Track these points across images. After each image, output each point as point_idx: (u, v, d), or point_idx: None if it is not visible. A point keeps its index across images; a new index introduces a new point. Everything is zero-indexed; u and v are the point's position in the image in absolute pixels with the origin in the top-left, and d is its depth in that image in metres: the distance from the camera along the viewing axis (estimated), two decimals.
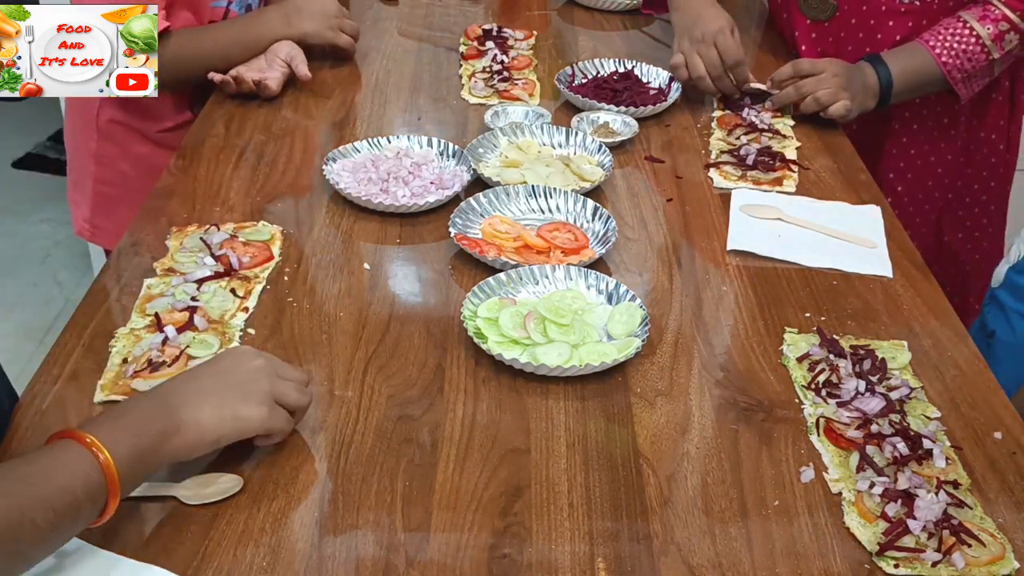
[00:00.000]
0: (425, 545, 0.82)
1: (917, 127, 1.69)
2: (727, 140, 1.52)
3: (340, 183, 1.30)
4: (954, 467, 0.92)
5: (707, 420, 0.98)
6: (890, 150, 1.72)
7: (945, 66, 1.53)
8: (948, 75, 1.54)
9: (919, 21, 1.61)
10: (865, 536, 0.85)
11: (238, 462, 0.89)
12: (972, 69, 1.53)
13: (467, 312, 1.06)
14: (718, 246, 1.27)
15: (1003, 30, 1.51)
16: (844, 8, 1.66)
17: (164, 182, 1.34)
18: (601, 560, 0.82)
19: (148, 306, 1.07)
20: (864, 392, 1.00)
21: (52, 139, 3.51)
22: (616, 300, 1.12)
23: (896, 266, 1.24)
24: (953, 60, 1.53)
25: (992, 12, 1.51)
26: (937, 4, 1.60)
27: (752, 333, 1.11)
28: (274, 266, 1.17)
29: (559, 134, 1.46)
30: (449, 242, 1.21)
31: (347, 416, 0.96)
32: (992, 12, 1.51)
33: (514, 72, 1.71)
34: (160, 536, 0.82)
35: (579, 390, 1.01)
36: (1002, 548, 0.84)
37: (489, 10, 2.03)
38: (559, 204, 1.30)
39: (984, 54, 1.52)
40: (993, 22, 1.51)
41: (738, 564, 0.83)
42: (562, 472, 0.90)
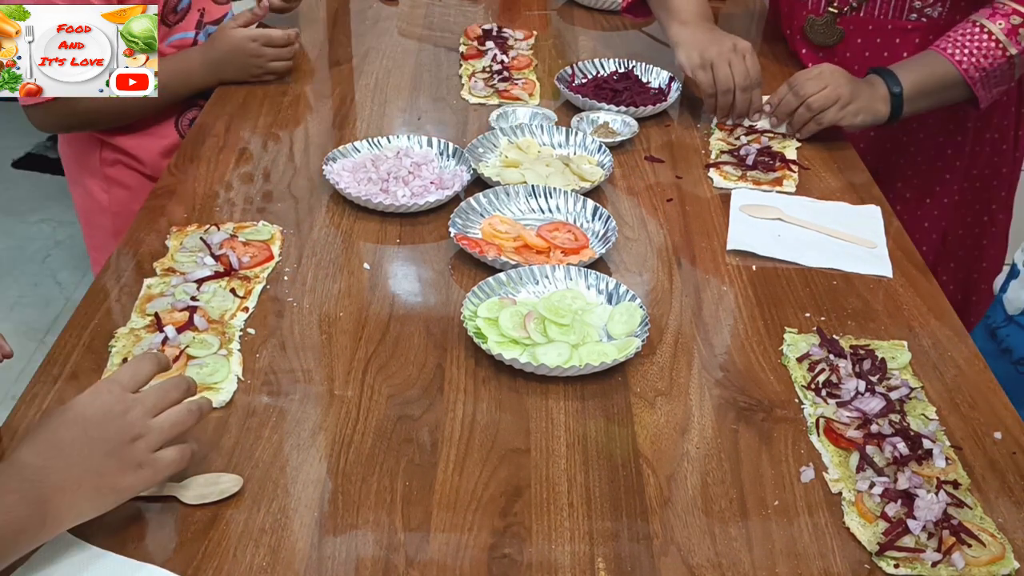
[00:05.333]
0: (425, 545, 0.82)
1: (924, 136, 1.69)
2: (727, 140, 1.52)
3: (340, 183, 1.30)
4: (954, 467, 0.92)
5: (707, 420, 0.98)
6: (897, 159, 1.72)
7: (960, 65, 1.47)
8: (965, 74, 1.47)
9: (925, 38, 1.58)
10: (865, 536, 0.85)
11: (238, 462, 0.89)
12: (990, 67, 1.47)
13: (467, 312, 1.06)
14: (718, 246, 1.27)
15: (1015, 24, 1.46)
16: (850, 29, 1.65)
17: (164, 182, 1.34)
18: (601, 560, 0.82)
19: (148, 306, 1.07)
20: (864, 392, 1.00)
21: (52, 139, 3.50)
22: (616, 300, 1.12)
23: (896, 266, 1.24)
24: (969, 59, 1.47)
25: (1002, 8, 1.47)
26: (944, 20, 1.58)
27: (752, 333, 1.11)
28: (274, 266, 1.17)
29: (559, 134, 1.46)
30: (449, 242, 1.21)
31: (347, 416, 0.96)
32: (1002, 8, 1.47)
33: (514, 72, 1.71)
34: (160, 536, 0.82)
35: (579, 390, 1.00)
36: (1002, 548, 0.84)
37: (489, 10, 2.03)
38: (559, 204, 1.30)
39: (1000, 50, 1.46)
40: (1004, 17, 1.46)
41: (738, 564, 0.83)
42: (562, 472, 0.90)
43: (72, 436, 0.78)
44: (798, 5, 1.72)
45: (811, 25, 1.70)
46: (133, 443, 0.79)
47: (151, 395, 0.83)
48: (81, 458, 0.77)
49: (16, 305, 2.80)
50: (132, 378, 0.83)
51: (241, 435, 0.93)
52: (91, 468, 0.77)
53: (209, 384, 0.97)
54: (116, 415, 0.80)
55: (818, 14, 1.68)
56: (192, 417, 0.84)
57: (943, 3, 1.58)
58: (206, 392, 0.96)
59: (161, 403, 0.83)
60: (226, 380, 0.98)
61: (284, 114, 1.55)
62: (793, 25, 1.77)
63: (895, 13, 1.61)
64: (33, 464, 0.76)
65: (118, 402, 0.81)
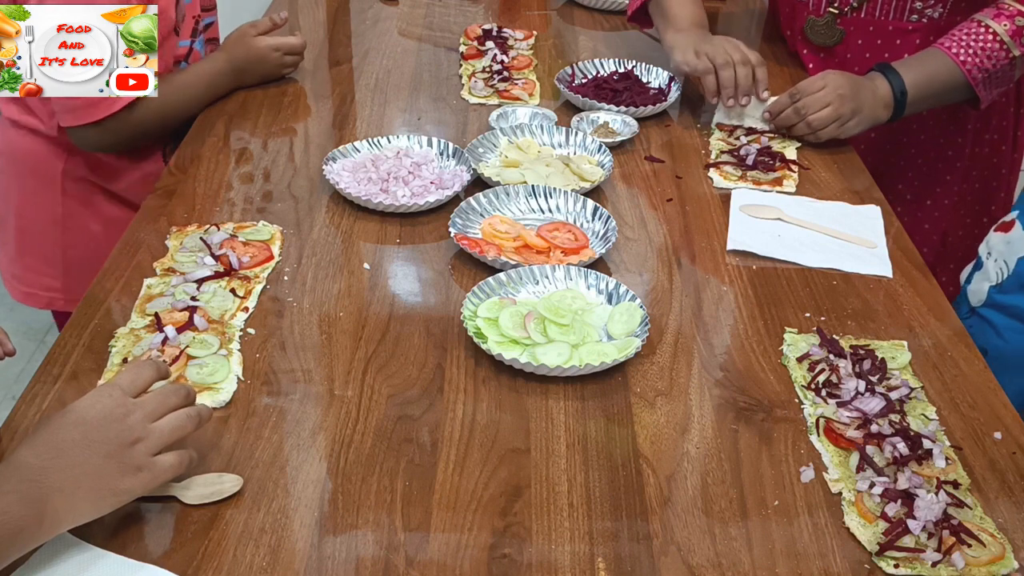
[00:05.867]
0: (425, 545, 0.82)
1: (924, 138, 1.69)
2: (727, 140, 1.52)
3: (340, 183, 1.30)
4: (954, 467, 0.92)
5: (707, 420, 0.98)
6: (897, 161, 1.72)
7: (964, 65, 1.46)
8: (968, 74, 1.46)
9: (926, 38, 1.58)
10: (865, 536, 0.85)
11: (238, 462, 0.89)
12: (993, 68, 1.46)
13: (467, 312, 1.06)
14: (718, 246, 1.27)
15: (1020, 25, 1.45)
16: (851, 30, 1.65)
17: (164, 182, 1.34)
18: (601, 560, 0.82)
19: (148, 306, 1.07)
20: (864, 392, 1.00)
21: None
22: (616, 300, 1.12)
23: (896, 266, 1.24)
24: (973, 59, 1.46)
25: (1007, 9, 1.46)
26: (945, 20, 1.58)
27: (752, 333, 1.11)
28: (274, 266, 1.17)
29: (559, 134, 1.46)
30: (449, 242, 1.22)
31: (347, 416, 0.96)
32: (1007, 9, 1.46)
33: (514, 72, 1.71)
34: (160, 536, 0.82)
35: (579, 390, 1.00)
36: (1002, 548, 0.84)
37: (489, 10, 2.03)
38: (559, 204, 1.30)
39: (1004, 51, 1.45)
40: (1009, 18, 1.45)
41: (738, 564, 0.83)
42: (562, 472, 0.90)
43: (72, 438, 0.78)
44: (799, 6, 1.72)
45: (811, 26, 1.70)
46: (133, 446, 0.79)
47: (151, 400, 0.83)
48: (81, 460, 0.77)
49: (16, 305, 2.79)
50: (132, 383, 0.84)
51: (241, 435, 0.93)
52: (90, 470, 0.77)
53: (209, 384, 0.97)
54: (116, 418, 0.80)
55: (818, 15, 1.68)
56: (192, 423, 0.84)
57: (944, 4, 1.58)
58: (206, 392, 0.96)
59: (161, 408, 0.83)
60: (226, 380, 0.98)
61: (284, 114, 1.55)
62: (793, 26, 1.77)
63: (896, 14, 1.61)
64: (33, 465, 0.76)
65: (118, 406, 0.81)
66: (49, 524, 0.75)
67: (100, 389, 0.83)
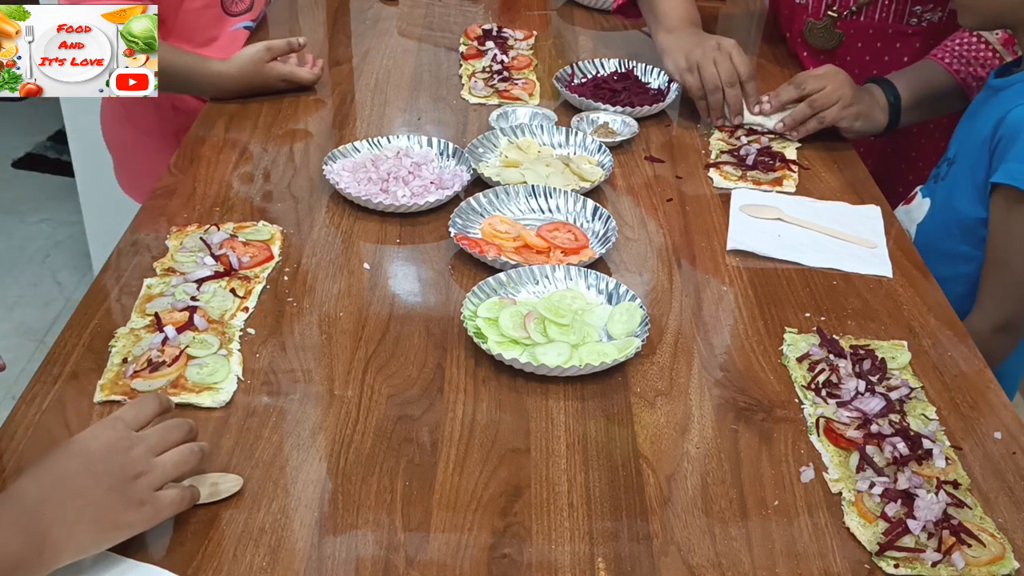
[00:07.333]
0: (425, 545, 0.82)
1: (924, 141, 1.69)
2: (727, 140, 1.52)
3: (340, 183, 1.30)
4: (954, 467, 0.92)
5: (707, 420, 0.98)
6: (898, 163, 1.72)
7: (958, 74, 1.47)
8: (963, 83, 1.47)
9: (926, 42, 1.58)
10: (865, 536, 0.85)
11: (238, 462, 0.89)
12: (986, 76, 1.45)
13: (467, 312, 1.06)
14: (718, 246, 1.27)
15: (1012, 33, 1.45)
16: (850, 33, 1.65)
17: (164, 182, 1.34)
18: (601, 560, 0.82)
19: (148, 306, 1.07)
20: (864, 392, 1.00)
21: (52, 139, 3.50)
22: (616, 300, 1.12)
23: (896, 266, 1.24)
24: (965, 68, 1.47)
25: None
26: (944, 24, 1.58)
27: (752, 333, 1.11)
28: (274, 266, 1.17)
29: (559, 134, 1.46)
30: (449, 242, 1.22)
31: (347, 416, 0.96)
32: None
33: (514, 72, 1.71)
34: (160, 536, 0.82)
35: (579, 390, 1.00)
36: (1002, 548, 0.84)
37: (489, 10, 2.03)
38: (559, 204, 1.30)
39: (998, 60, 1.46)
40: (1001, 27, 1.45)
41: (738, 564, 0.83)
42: (562, 472, 0.90)
43: (74, 469, 0.77)
44: (798, 8, 1.72)
45: (810, 29, 1.70)
46: (136, 480, 0.79)
47: (154, 434, 0.83)
48: (83, 491, 0.76)
49: (16, 305, 2.80)
50: (136, 417, 0.84)
51: (241, 435, 0.93)
52: (92, 502, 0.76)
53: (209, 384, 0.97)
54: (119, 451, 0.79)
55: (817, 18, 1.68)
56: (195, 458, 0.84)
57: (943, 7, 1.58)
58: (206, 392, 0.96)
59: (164, 443, 0.83)
60: (226, 380, 0.98)
61: (284, 114, 1.55)
62: (793, 28, 1.77)
63: (895, 17, 1.61)
64: (34, 496, 0.75)
65: (122, 439, 0.80)
66: (49, 557, 0.74)
67: (103, 422, 0.82)
